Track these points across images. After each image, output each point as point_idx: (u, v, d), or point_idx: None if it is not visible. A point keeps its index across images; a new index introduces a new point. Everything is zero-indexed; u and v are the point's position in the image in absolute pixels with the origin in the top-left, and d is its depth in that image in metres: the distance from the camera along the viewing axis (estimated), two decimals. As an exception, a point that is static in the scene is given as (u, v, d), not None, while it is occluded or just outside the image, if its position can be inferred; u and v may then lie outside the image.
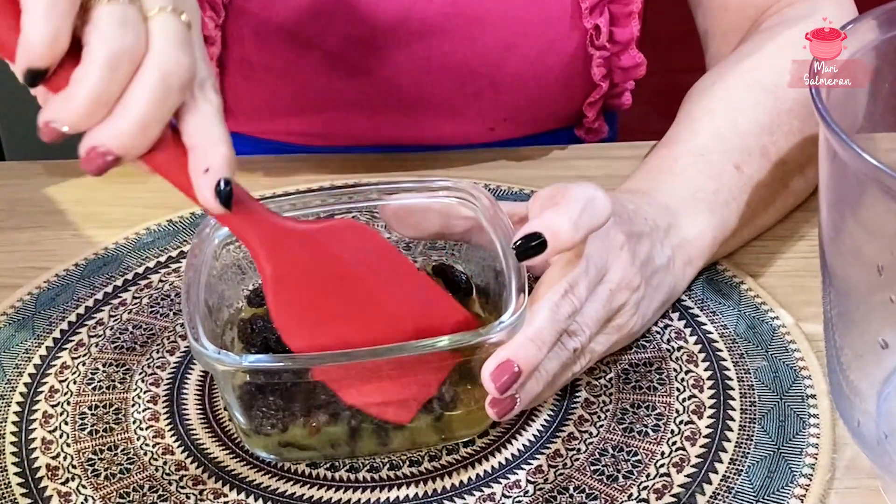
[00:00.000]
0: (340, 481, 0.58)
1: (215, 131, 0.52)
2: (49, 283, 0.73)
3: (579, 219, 0.56)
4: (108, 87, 0.49)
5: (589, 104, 0.86)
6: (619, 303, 0.61)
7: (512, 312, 0.55)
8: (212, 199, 0.51)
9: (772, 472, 0.57)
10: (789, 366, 0.64)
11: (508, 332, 0.55)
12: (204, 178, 0.51)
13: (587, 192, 0.57)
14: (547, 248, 0.55)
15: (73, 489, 0.58)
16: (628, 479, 0.57)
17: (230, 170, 0.52)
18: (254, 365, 0.55)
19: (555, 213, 0.56)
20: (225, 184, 0.51)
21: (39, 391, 0.64)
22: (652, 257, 0.64)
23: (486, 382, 0.54)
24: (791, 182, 0.75)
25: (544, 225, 0.56)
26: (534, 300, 0.57)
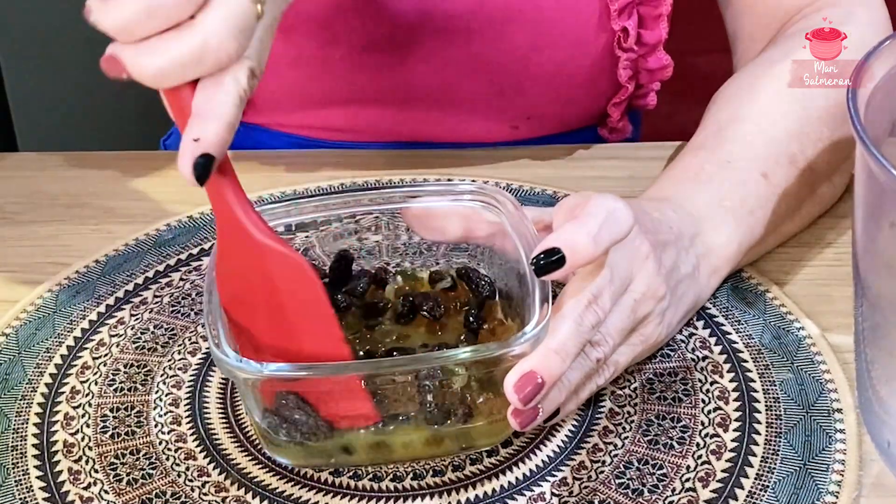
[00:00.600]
0: (364, 490, 0.58)
1: (225, 109, 0.51)
2: (70, 280, 0.73)
3: (599, 233, 0.55)
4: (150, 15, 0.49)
5: (614, 105, 0.85)
6: (644, 313, 0.61)
7: (535, 324, 0.55)
8: (188, 168, 0.51)
9: (798, 489, 0.57)
10: (815, 378, 0.63)
11: (531, 344, 0.55)
12: (190, 146, 0.51)
13: (607, 205, 0.56)
14: (565, 264, 0.55)
15: (96, 494, 0.58)
16: (654, 493, 0.57)
17: (218, 149, 0.51)
18: (275, 374, 0.55)
19: (574, 227, 0.55)
20: (204, 158, 0.51)
21: (61, 392, 0.64)
22: (677, 266, 0.63)
23: (508, 394, 0.54)
24: (818, 190, 0.74)
25: (563, 240, 0.55)
26: (557, 310, 0.56)
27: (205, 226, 0.78)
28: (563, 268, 0.55)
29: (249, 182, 0.82)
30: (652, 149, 0.85)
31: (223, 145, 0.51)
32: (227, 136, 0.51)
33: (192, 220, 0.79)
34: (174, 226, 0.78)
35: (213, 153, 0.51)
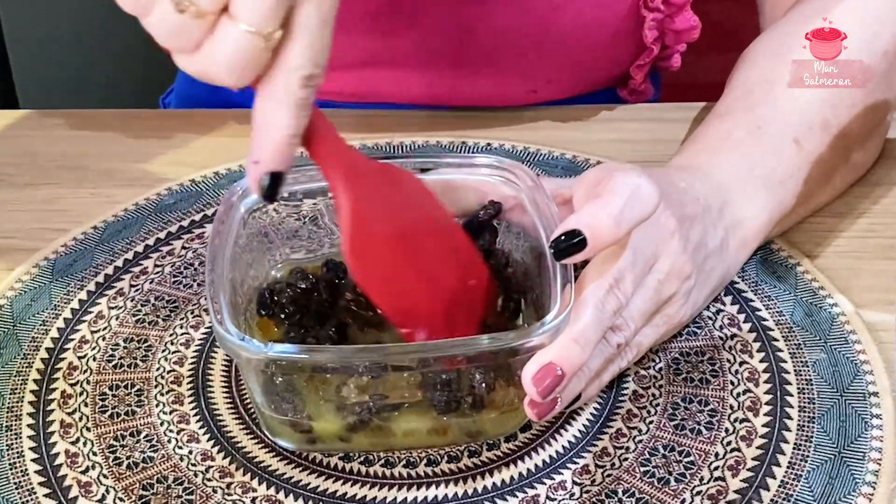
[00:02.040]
0: (375, 477, 0.55)
1: (279, 123, 0.49)
2: (66, 248, 0.69)
3: (622, 214, 0.52)
4: None
5: (637, 67, 0.81)
6: (669, 293, 0.57)
7: (556, 313, 0.52)
8: (255, 190, 0.50)
9: (832, 479, 0.54)
10: (849, 359, 0.60)
11: (552, 335, 0.51)
12: (252, 167, 0.49)
13: (631, 182, 0.53)
14: (586, 247, 0.51)
15: (94, 479, 0.55)
16: (680, 482, 0.54)
17: (279, 165, 0.49)
18: (280, 354, 0.52)
19: (596, 207, 0.52)
20: (268, 178, 0.49)
21: (58, 368, 0.61)
22: (705, 242, 0.60)
23: (527, 386, 0.51)
24: (851, 156, 0.71)
25: (584, 221, 0.52)
26: (577, 294, 0.53)
27: (207, 190, 0.74)
28: (585, 251, 0.51)
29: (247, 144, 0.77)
30: (676, 110, 0.82)
31: (283, 159, 0.49)
32: (286, 150, 0.49)
33: (194, 183, 0.75)
34: (176, 190, 0.75)
35: (274, 170, 0.49)
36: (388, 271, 0.54)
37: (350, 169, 0.53)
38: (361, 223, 0.53)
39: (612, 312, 0.53)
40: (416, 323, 0.54)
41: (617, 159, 0.75)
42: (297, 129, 0.49)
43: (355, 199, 0.53)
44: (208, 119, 0.83)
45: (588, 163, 0.76)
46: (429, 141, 0.79)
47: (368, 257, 0.53)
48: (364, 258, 0.53)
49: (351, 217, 0.52)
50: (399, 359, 0.53)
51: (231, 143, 0.80)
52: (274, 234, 0.64)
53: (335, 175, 0.53)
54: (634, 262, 0.54)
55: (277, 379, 0.54)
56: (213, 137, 0.81)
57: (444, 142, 0.78)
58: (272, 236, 0.64)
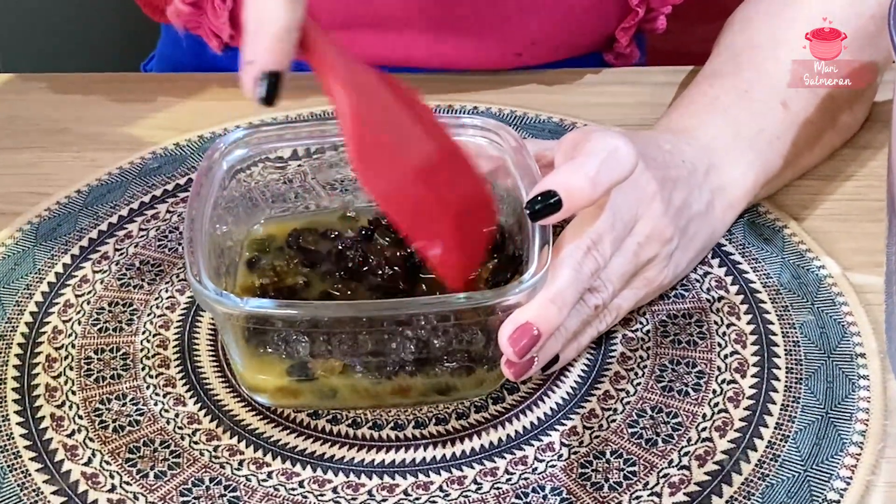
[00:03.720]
0: (363, 440, 0.55)
1: (272, 16, 0.47)
2: (50, 212, 0.69)
3: (598, 174, 0.51)
4: None
5: (622, 29, 0.81)
6: (648, 256, 0.57)
7: (534, 272, 0.52)
8: (251, 93, 0.48)
9: (820, 440, 0.54)
10: (837, 321, 0.60)
11: (528, 294, 0.51)
12: (247, 69, 0.48)
13: (608, 143, 0.53)
14: (562, 208, 0.51)
15: (80, 442, 0.54)
16: (668, 443, 0.54)
17: (276, 63, 0.47)
18: (256, 309, 0.52)
19: (571, 168, 0.52)
20: (266, 78, 0.47)
21: (42, 332, 0.61)
22: (689, 203, 0.60)
23: (503, 345, 0.51)
24: (839, 119, 0.71)
25: (559, 181, 0.51)
26: (555, 255, 0.53)
27: (192, 154, 0.74)
28: (560, 212, 0.51)
29: (230, 108, 0.79)
30: (662, 73, 0.81)
31: (280, 56, 0.47)
32: (281, 45, 0.47)
33: (178, 147, 0.74)
34: (160, 154, 0.74)
35: (271, 69, 0.47)
36: (395, 177, 0.52)
37: (349, 72, 0.51)
38: (365, 126, 0.51)
39: (589, 274, 0.53)
40: (428, 235, 0.53)
41: (603, 122, 0.74)
42: (291, 21, 0.47)
43: (357, 102, 0.50)
44: (192, 82, 0.82)
45: (574, 126, 0.75)
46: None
47: (374, 162, 0.51)
48: (370, 163, 0.51)
49: (352, 119, 0.50)
50: (375, 315, 0.52)
51: (215, 106, 0.79)
52: (259, 195, 0.63)
53: (333, 77, 0.50)
54: (613, 224, 0.54)
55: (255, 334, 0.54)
56: (198, 101, 0.80)
57: (430, 105, 0.77)
58: (256, 198, 0.63)
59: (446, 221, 0.53)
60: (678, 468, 0.53)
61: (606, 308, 0.57)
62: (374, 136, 0.51)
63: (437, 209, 0.53)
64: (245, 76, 0.48)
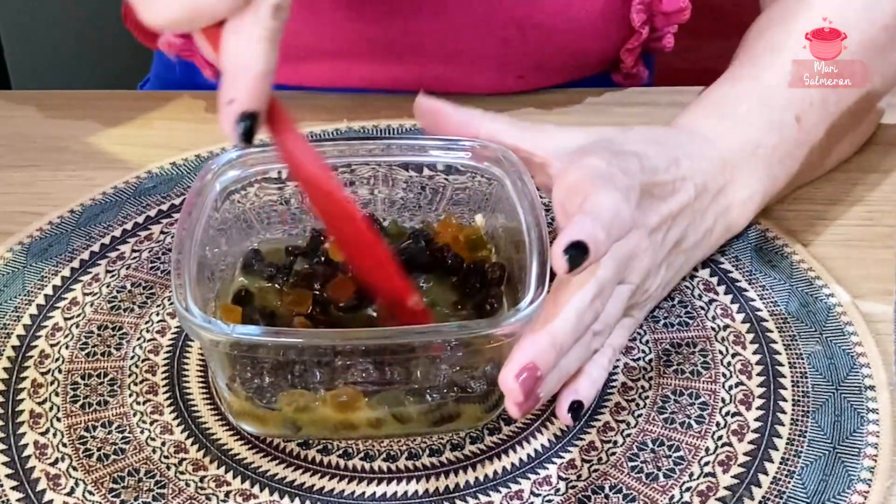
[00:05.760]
0: (355, 471, 0.53)
1: (251, 58, 0.48)
2: (42, 232, 0.67)
3: (610, 231, 0.50)
4: None
5: (627, 50, 0.79)
6: (632, 302, 0.56)
7: (529, 301, 0.50)
8: (231, 133, 0.48)
9: (826, 476, 0.52)
10: (846, 351, 0.58)
11: (522, 324, 0.50)
12: (226, 109, 0.48)
13: (614, 201, 0.51)
14: (587, 260, 0.49)
15: (63, 471, 0.53)
16: (670, 478, 0.52)
17: (255, 104, 0.48)
18: (242, 337, 0.50)
19: (590, 220, 0.50)
20: (245, 119, 0.48)
21: (28, 356, 0.59)
22: (685, 236, 0.59)
23: (508, 385, 0.48)
24: (844, 139, 0.69)
25: (587, 233, 0.49)
26: (559, 295, 0.51)
27: (188, 173, 0.72)
28: (586, 262, 0.49)
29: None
30: (669, 93, 0.80)
31: (259, 97, 0.48)
32: (260, 86, 0.48)
33: (175, 166, 0.73)
34: (156, 173, 0.73)
35: (251, 110, 0.48)
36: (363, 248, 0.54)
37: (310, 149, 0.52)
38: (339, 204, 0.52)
39: (589, 322, 0.51)
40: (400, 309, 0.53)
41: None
42: (270, 64, 0.48)
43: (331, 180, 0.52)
44: (190, 102, 0.81)
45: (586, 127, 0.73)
46: (417, 125, 0.76)
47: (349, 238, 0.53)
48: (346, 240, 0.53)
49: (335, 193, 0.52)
50: (365, 343, 0.51)
51: (212, 125, 0.77)
52: (253, 217, 0.62)
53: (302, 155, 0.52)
54: (617, 272, 0.53)
55: (242, 361, 0.52)
56: (195, 120, 0.79)
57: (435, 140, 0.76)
58: (251, 220, 0.62)
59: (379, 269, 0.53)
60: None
61: (607, 351, 0.56)
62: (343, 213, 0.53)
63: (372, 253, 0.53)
64: (224, 117, 0.48)
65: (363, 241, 0.53)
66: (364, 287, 0.56)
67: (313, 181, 0.52)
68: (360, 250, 0.54)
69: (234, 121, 0.48)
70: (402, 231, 0.62)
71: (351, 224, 0.53)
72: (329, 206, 0.53)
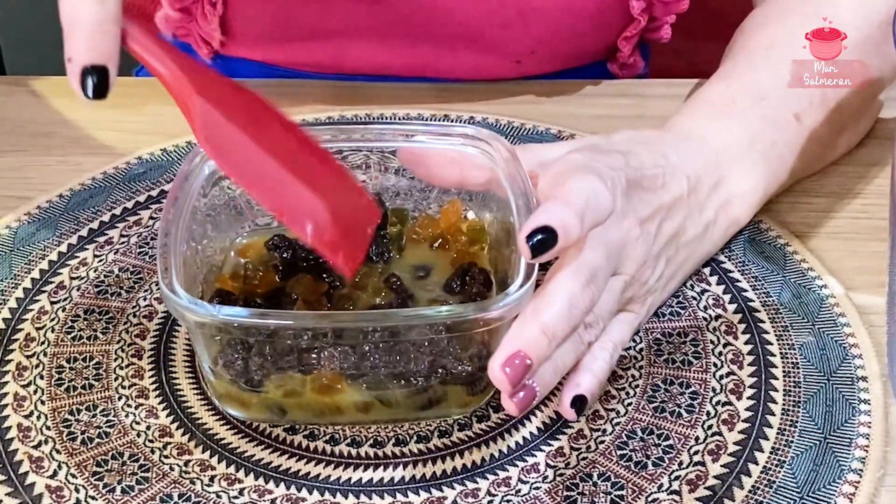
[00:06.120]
0: (341, 456, 0.52)
1: (82, 11, 0.46)
2: (30, 216, 0.67)
3: (584, 213, 0.49)
4: None
5: (625, 39, 0.79)
6: (629, 296, 0.55)
7: (518, 286, 0.49)
8: (79, 91, 0.47)
9: (817, 465, 0.52)
10: (838, 342, 0.58)
11: (511, 309, 0.49)
12: (68, 69, 0.47)
13: (590, 184, 0.50)
14: (556, 245, 0.48)
15: (46, 454, 0.52)
16: (658, 466, 0.52)
17: (97, 57, 0.46)
18: (229, 318, 0.49)
19: (560, 204, 0.49)
20: (91, 74, 0.46)
21: (14, 339, 0.59)
22: (683, 229, 0.58)
23: (496, 373, 0.48)
24: (843, 134, 0.69)
25: (554, 217, 0.48)
26: (549, 282, 0.50)
27: (179, 160, 0.72)
28: (555, 248, 0.48)
29: None
30: (664, 86, 0.79)
31: (97, 49, 0.46)
32: (100, 38, 0.46)
33: (165, 153, 0.73)
34: (146, 159, 0.72)
35: (92, 63, 0.46)
36: (248, 153, 0.50)
37: (181, 57, 0.50)
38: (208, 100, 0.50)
39: (583, 310, 0.50)
40: (295, 212, 0.49)
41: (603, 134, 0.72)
42: (103, 13, 0.46)
43: (195, 78, 0.49)
44: (183, 88, 0.80)
45: (573, 139, 0.73)
46: (410, 113, 0.76)
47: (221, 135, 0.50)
48: (215, 134, 0.50)
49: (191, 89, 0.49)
50: (352, 327, 0.50)
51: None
52: (244, 206, 0.61)
53: (164, 60, 0.49)
54: (608, 259, 0.52)
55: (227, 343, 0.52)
56: (187, 106, 0.78)
57: (426, 114, 0.76)
58: (241, 208, 0.61)
59: (317, 204, 0.50)
60: (668, 493, 0.50)
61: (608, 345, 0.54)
62: (221, 111, 0.50)
63: (305, 191, 0.50)
64: (69, 76, 0.47)
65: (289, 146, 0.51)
66: None
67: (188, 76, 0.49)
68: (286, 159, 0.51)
69: (77, 78, 0.46)
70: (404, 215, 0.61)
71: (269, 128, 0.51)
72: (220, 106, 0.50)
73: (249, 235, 0.61)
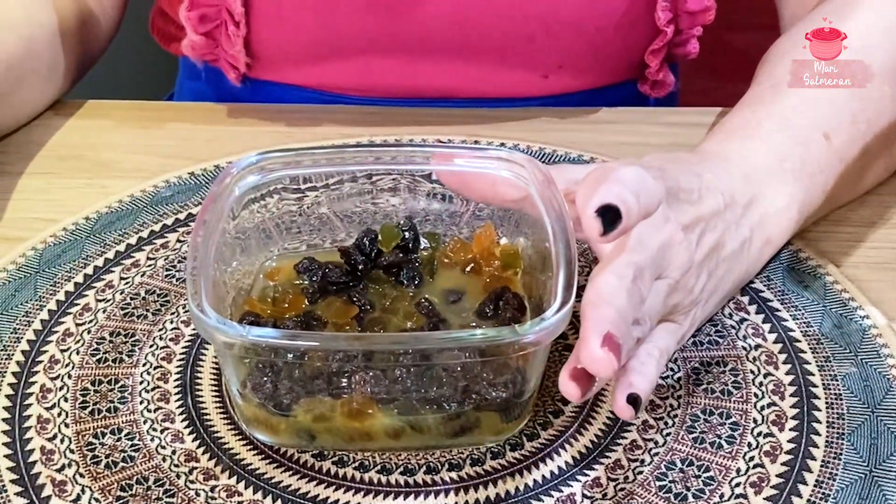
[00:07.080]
0: (371, 484, 0.51)
1: None
2: (56, 238, 0.66)
3: (639, 195, 0.47)
4: None
5: (652, 52, 0.78)
6: (674, 302, 0.54)
7: (555, 310, 0.48)
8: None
9: (863, 499, 0.50)
10: (882, 374, 0.56)
11: (547, 333, 0.48)
12: None
13: (638, 171, 0.49)
14: (621, 223, 0.47)
15: (69, 477, 0.51)
16: (699, 498, 0.50)
17: None
18: (258, 339, 0.48)
19: (615, 185, 0.47)
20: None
21: (38, 361, 0.58)
22: (721, 244, 0.56)
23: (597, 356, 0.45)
24: (878, 158, 0.67)
25: (616, 195, 0.47)
26: (598, 283, 0.49)
27: (206, 183, 0.71)
28: (619, 227, 0.47)
29: (247, 138, 0.77)
30: (696, 114, 0.78)
31: None
32: None
33: (193, 176, 0.72)
34: (174, 182, 0.71)
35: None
36: None
37: None
38: None
39: (637, 303, 0.49)
40: None
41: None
42: None
43: None
44: (209, 112, 0.80)
45: (606, 165, 0.72)
46: (440, 139, 0.75)
47: None
48: None
49: None
50: (384, 349, 0.49)
51: (231, 136, 0.77)
52: (273, 227, 0.60)
53: None
54: (653, 259, 0.51)
55: (256, 365, 0.51)
56: (214, 130, 0.78)
57: (456, 140, 0.75)
58: (270, 231, 0.60)
59: None
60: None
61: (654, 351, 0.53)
62: None
63: None
64: None
65: None
66: None
67: None
68: None
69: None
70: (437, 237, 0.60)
71: None
72: None
73: (278, 259, 0.60)
